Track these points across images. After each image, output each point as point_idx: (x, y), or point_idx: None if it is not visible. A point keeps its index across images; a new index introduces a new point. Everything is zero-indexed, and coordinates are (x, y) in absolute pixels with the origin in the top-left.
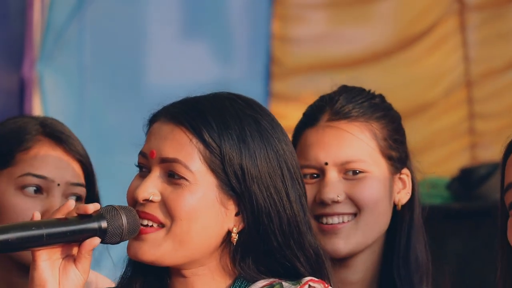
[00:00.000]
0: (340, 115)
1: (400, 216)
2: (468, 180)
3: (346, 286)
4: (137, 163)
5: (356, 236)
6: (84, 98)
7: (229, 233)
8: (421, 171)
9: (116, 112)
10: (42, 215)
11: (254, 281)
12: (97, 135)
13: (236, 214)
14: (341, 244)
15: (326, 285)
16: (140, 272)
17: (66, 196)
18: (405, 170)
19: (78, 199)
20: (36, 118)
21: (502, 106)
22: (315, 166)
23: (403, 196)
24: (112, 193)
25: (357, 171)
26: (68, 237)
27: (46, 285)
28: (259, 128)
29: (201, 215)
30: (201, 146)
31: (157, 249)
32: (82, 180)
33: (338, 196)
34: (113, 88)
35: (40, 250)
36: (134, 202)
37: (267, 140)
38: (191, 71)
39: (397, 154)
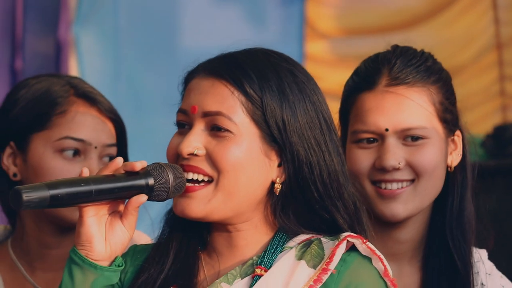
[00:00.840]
0: (399, 80)
1: (452, 177)
2: (501, 137)
3: (396, 245)
4: (175, 122)
5: (414, 201)
6: (120, 60)
7: (272, 184)
8: (469, 131)
9: (151, 73)
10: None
11: (294, 234)
12: (133, 95)
13: (279, 165)
14: (400, 209)
15: (364, 241)
16: (179, 229)
17: (101, 157)
18: (457, 132)
19: (111, 159)
20: (59, 77)
21: None
22: (374, 132)
23: (455, 157)
24: (147, 152)
25: (417, 138)
26: (116, 194)
27: (92, 241)
28: (295, 80)
29: (247, 166)
30: (243, 98)
31: (206, 204)
32: (115, 140)
33: (399, 164)
34: (148, 50)
35: (87, 206)
36: (175, 158)
37: (304, 91)
38: (224, 33)
39: (451, 116)
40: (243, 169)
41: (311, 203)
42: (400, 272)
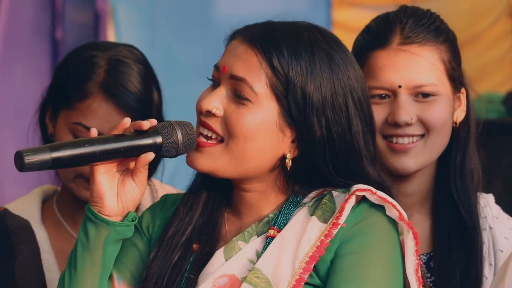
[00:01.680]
0: (411, 39)
1: (457, 132)
2: None
3: (404, 197)
4: (210, 77)
5: (424, 155)
6: (155, 29)
7: (283, 158)
8: (474, 89)
9: (185, 42)
10: None
11: (308, 193)
12: (167, 63)
13: (293, 141)
14: (411, 162)
15: (374, 191)
16: (207, 183)
17: None
18: (462, 89)
19: None
20: (103, 54)
21: None
22: (387, 88)
23: (460, 113)
24: (180, 118)
25: (428, 94)
26: (123, 153)
27: (104, 197)
28: (330, 63)
29: (258, 136)
30: (269, 71)
31: (214, 161)
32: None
33: (411, 119)
34: (183, 20)
35: (97, 164)
36: (200, 111)
37: (336, 75)
38: (257, 2)
39: (458, 74)
40: (254, 138)
41: (326, 178)
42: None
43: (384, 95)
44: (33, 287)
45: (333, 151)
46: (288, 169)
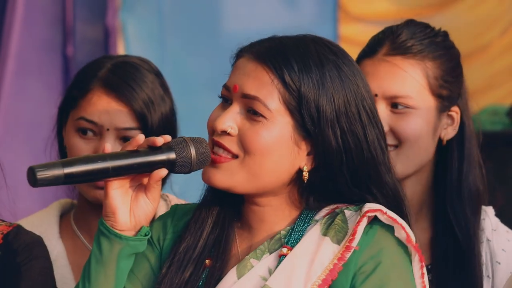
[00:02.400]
0: (397, 51)
1: (449, 150)
2: None
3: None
4: (220, 95)
5: (397, 166)
6: (164, 45)
7: (300, 171)
8: (473, 106)
9: (194, 57)
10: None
11: (320, 209)
12: (177, 78)
13: (308, 154)
14: None
15: (384, 211)
16: (218, 198)
17: (118, 138)
18: (455, 108)
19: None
20: (105, 62)
21: None
22: None
23: (449, 131)
24: (191, 133)
25: (404, 106)
26: (136, 170)
27: (116, 212)
28: (340, 73)
29: (274, 152)
30: (281, 87)
31: (231, 177)
32: (134, 124)
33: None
34: (191, 35)
35: (111, 180)
36: (213, 130)
37: (347, 85)
38: (264, 17)
39: (448, 93)
40: (270, 154)
41: (341, 190)
42: None
43: None
44: None
45: (351, 161)
46: (305, 182)
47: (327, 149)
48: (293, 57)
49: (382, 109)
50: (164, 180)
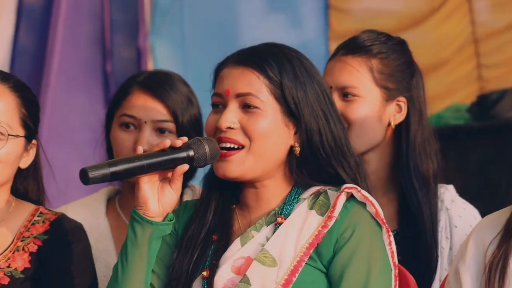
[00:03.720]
0: (348, 51)
1: (399, 135)
2: (483, 104)
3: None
4: (211, 103)
5: (355, 143)
6: (187, 63)
7: (291, 148)
8: (423, 101)
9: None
10: (134, 144)
11: (307, 188)
12: (198, 93)
13: (295, 133)
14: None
15: (359, 190)
16: (216, 189)
17: (154, 130)
18: (402, 98)
19: (169, 132)
20: (145, 72)
21: (502, 58)
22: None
23: (397, 118)
24: None
25: (351, 95)
26: (163, 165)
27: (147, 202)
28: (303, 65)
29: (272, 134)
30: (266, 81)
31: (241, 166)
32: (168, 117)
33: None
34: (210, 54)
35: (142, 176)
36: (215, 132)
37: (310, 74)
38: (272, 37)
39: (394, 85)
40: (269, 136)
41: (320, 161)
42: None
43: None
44: (85, 277)
45: (326, 136)
46: (297, 155)
47: (308, 126)
48: (269, 57)
49: (336, 99)
50: (191, 175)
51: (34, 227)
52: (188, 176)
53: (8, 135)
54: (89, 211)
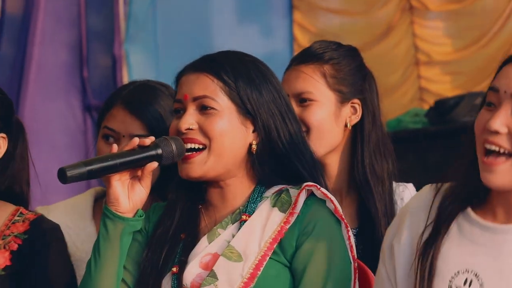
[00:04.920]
0: (302, 61)
1: (355, 135)
2: (441, 109)
3: (328, 179)
4: (173, 109)
5: (315, 148)
6: (160, 70)
7: (250, 146)
8: (377, 105)
9: None
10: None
11: (269, 186)
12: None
13: (253, 131)
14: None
15: (319, 187)
16: (183, 190)
17: None
18: (356, 100)
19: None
20: (130, 84)
21: (439, 75)
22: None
23: (352, 119)
24: None
25: (307, 99)
26: (134, 163)
27: (118, 198)
28: (259, 69)
29: (229, 133)
30: (221, 84)
31: (203, 166)
32: (144, 132)
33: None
34: (182, 62)
35: (114, 174)
36: (177, 133)
37: (266, 77)
38: (244, 46)
39: (347, 89)
40: (227, 135)
41: (279, 158)
42: (341, 203)
43: None
44: (64, 274)
45: (283, 134)
46: (254, 152)
47: (265, 124)
48: (224, 62)
49: (294, 105)
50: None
51: (14, 226)
52: (170, 180)
53: None
54: (76, 213)
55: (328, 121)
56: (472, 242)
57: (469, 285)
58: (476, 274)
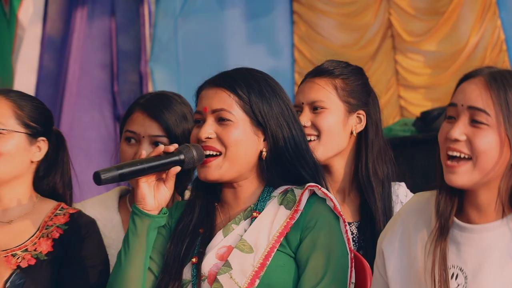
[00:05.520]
0: (316, 75)
1: (360, 143)
2: (426, 119)
3: (331, 187)
4: (194, 120)
5: (319, 152)
6: (181, 85)
7: (261, 153)
8: (379, 118)
9: None
10: (134, 156)
11: (276, 187)
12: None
13: (264, 140)
14: (319, 154)
15: (319, 187)
16: (202, 190)
17: (151, 143)
18: (361, 111)
19: (163, 144)
20: (149, 94)
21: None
22: (298, 105)
23: (358, 127)
24: None
25: (319, 107)
26: (160, 167)
27: (145, 198)
28: (269, 84)
29: (243, 142)
30: (236, 98)
31: (219, 170)
32: (162, 133)
33: (305, 123)
34: (200, 78)
35: (142, 177)
36: (197, 142)
37: (275, 91)
38: (252, 64)
39: (355, 101)
40: (241, 144)
41: (285, 163)
42: (343, 202)
43: (297, 110)
44: (101, 262)
45: (289, 143)
46: (264, 158)
47: (274, 134)
48: (239, 79)
49: (307, 112)
50: (189, 179)
51: (56, 218)
52: (187, 180)
53: (2, 129)
54: (104, 206)
55: (337, 127)
56: (454, 242)
57: (456, 278)
58: (460, 269)
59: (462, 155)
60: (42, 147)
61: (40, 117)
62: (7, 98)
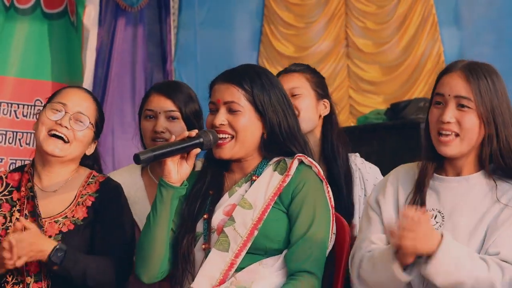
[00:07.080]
0: (291, 70)
1: (326, 125)
2: (395, 109)
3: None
4: (209, 109)
5: (302, 126)
6: (198, 81)
7: (262, 135)
8: (335, 107)
9: None
10: (154, 131)
11: (272, 158)
12: (206, 99)
13: (263, 124)
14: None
15: (306, 157)
16: (213, 162)
17: (167, 117)
18: (326, 100)
19: (177, 118)
20: (163, 81)
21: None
22: None
23: (324, 112)
24: None
25: (296, 94)
26: (184, 149)
27: (171, 172)
28: (268, 77)
29: (249, 127)
30: (243, 92)
31: (231, 150)
32: (175, 108)
33: None
34: (213, 75)
35: (170, 157)
36: (212, 126)
37: (273, 84)
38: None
39: (321, 91)
40: (248, 129)
41: (279, 142)
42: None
43: None
44: (129, 221)
45: (283, 126)
46: (265, 138)
47: (271, 120)
48: (245, 75)
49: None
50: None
51: (89, 187)
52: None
53: (89, 123)
54: (128, 174)
55: (310, 109)
56: (435, 191)
57: (435, 218)
58: (439, 211)
59: (453, 133)
60: (93, 146)
61: (102, 123)
62: (92, 99)
